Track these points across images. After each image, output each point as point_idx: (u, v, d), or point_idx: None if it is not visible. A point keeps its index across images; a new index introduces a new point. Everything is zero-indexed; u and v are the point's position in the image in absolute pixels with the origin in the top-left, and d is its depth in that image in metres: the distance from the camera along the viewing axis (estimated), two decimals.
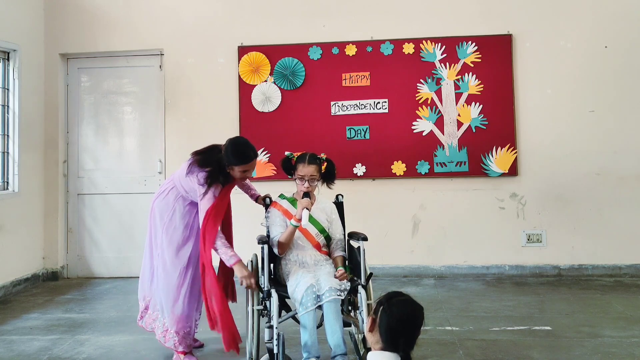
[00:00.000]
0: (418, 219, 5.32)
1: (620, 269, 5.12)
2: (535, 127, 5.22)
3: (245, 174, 3.18)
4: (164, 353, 3.42)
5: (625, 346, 3.35)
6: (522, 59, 5.25)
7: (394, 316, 1.88)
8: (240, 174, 3.15)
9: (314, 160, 3.20)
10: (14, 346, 3.63)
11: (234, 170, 3.14)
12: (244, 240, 4.52)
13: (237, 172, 3.15)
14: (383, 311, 1.90)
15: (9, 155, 5.15)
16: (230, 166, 3.13)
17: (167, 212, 3.24)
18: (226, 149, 3.12)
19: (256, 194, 3.52)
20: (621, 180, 5.16)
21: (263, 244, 3.06)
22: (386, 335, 1.88)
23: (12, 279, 5.02)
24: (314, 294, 2.86)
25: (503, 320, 3.91)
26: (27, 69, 5.31)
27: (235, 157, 3.10)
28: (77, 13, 5.60)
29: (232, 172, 3.15)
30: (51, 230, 5.54)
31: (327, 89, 5.35)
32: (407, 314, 1.90)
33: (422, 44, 5.30)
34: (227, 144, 3.14)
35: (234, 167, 3.12)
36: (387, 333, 1.88)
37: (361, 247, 3.07)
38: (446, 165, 5.25)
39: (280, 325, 2.92)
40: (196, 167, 3.14)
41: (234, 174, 3.16)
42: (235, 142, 3.16)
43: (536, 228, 5.22)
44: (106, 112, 5.66)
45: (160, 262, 3.25)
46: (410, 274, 5.30)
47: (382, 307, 1.91)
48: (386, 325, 1.88)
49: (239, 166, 3.11)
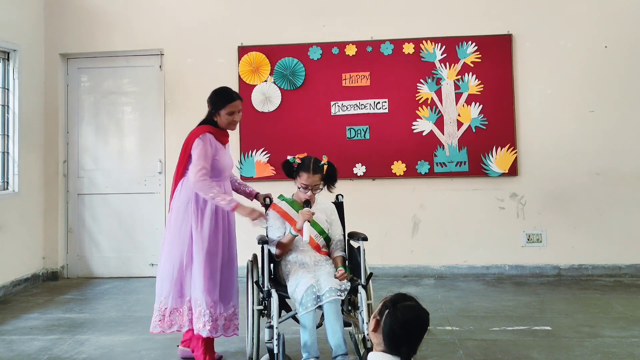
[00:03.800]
0: (418, 219, 5.32)
1: (620, 269, 5.12)
2: (535, 127, 5.22)
3: (233, 118, 3.17)
4: (164, 353, 3.42)
5: (625, 346, 3.35)
6: (522, 59, 5.25)
7: (398, 321, 1.85)
8: (227, 118, 3.16)
9: (318, 169, 3.18)
10: (14, 346, 3.63)
11: (221, 117, 3.17)
12: (244, 240, 4.52)
13: (224, 119, 3.17)
14: (388, 315, 1.87)
15: (9, 155, 5.15)
16: (217, 114, 3.17)
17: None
18: (210, 99, 3.21)
19: (254, 191, 3.49)
20: (621, 180, 5.16)
21: (263, 244, 3.06)
22: (389, 339, 1.86)
23: (12, 279, 5.02)
24: (314, 294, 2.86)
25: (503, 320, 3.91)
26: (27, 69, 5.31)
27: (219, 97, 3.18)
28: (77, 13, 5.60)
29: (219, 121, 3.18)
30: (51, 230, 5.54)
31: (327, 89, 5.35)
32: (412, 320, 1.87)
33: (422, 44, 5.30)
34: (211, 94, 3.22)
35: (220, 112, 3.16)
36: (390, 337, 1.86)
37: (361, 247, 3.07)
38: (446, 165, 5.25)
39: (280, 325, 2.92)
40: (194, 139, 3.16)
41: (222, 122, 3.18)
42: (217, 88, 3.25)
43: (536, 228, 5.22)
44: (106, 112, 5.66)
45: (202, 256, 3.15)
46: (410, 274, 5.30)
47: (388, 311, 1.88)
48: (390, 329, 1.86)
49: (224, 108, 3.15)
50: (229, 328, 3.19)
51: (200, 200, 3.14)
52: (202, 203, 3.14)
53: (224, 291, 3.18)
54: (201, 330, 3.08)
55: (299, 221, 3.10)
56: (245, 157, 5.38)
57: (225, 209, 3.09)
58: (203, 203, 3.14)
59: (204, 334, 3.08)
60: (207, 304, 3.08)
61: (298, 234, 3.11)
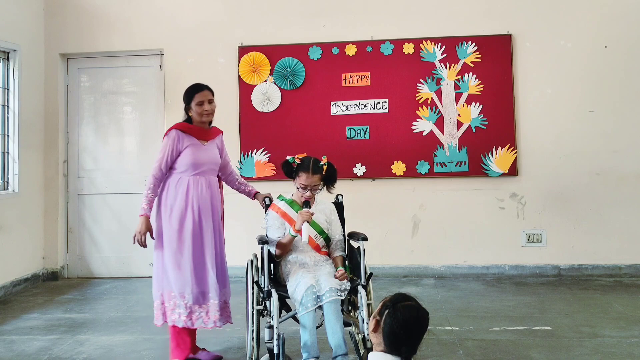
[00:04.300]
0: (418, 219, 5.32)
1: (620, 269, 5.12)
2: (535, 127, 5.22)
3: (203, 108, 3.21)
4: (164, 353, 3.42)
5: (625, 346, 3.35)
6: (522, 59, 5.25)
7: (398, 321, 1.85)
8: (197, 109, 3.21)
9: (317, 169, 3.18)
10: (14, 346, 3.63)
11: (193, 111, 3.23)
12: (244, 240, 4.52)
13: (195, 111, 3.22)
14: (388, 315, 1.87)
15: (9, 155, 5.15)
16: (190, 109, 3.24)
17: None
18: (183, 97, 3.28)
19: (253, 191, 3.50)
20: (621, 180, 5.16)
21: (263, 244, 3.06)
22: (389, 339, 1.86)
23: (12, 279, 5.02)
24: (314, 294, 2.86)
25: (503, 320, 3.91)
26: (27, 69, 5.31)
27: (187, 92, 3.26)
28: (77, 13, 5.60)
29: (193, 116, 3.25)
30: (51, 230, 5.54)
31: (327, 89, 5.35)
32: (412, 320, 1.87)
33: (422, 44, 5.30)
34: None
35: (191, 105, 3.22)
36: (390, 337, 1.86)
37: (361, 247, 3.07)
38: (446, 165, 5.25)
39: (280, 325, 2.92)
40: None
41: (195, 116, 3.24)
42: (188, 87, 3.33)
43: (536, 228, 5.22)
44: (106, 112, 5.66)
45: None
46: (410, 274, 5.30)
47: (388, 311, 1.88)
48: (390, 329, 1.86)
49: (193, 100, 3.21)
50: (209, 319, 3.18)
51: (168, 196, 3.19)
52: (171, 199, 3.19)
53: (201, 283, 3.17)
54: (177, 322, 3.13)
55: (298, 222, 3.10)
56: (245, 157, 5.38)
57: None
58: (172, 199, 3.18)
59: (180, 325, 3.13)
60: (180, 295, 3.12)
61: (297, 235, 3.11)
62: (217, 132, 3.43)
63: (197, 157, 3.22)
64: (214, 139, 3.36)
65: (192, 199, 3.18)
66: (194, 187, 3.20)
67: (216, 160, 3.34)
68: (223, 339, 3.67)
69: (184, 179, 3.20)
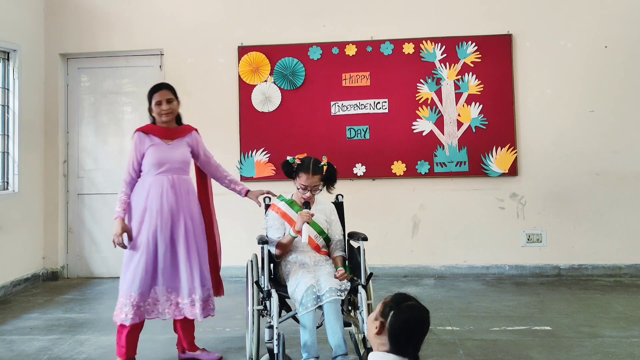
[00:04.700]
0: (418, 219, 5.32)
1: (620, 269, 5.12)
2: (535, 127, 5.22)
3: (160, 108, 3.19)
4: (164, 353, 3.42)
5: (625, 346, 3.35)
6: (522, 59, 5.25)
7: (405, 322, 1.87)
8: (156, 110, 3.21)
9: (317, 170, 3.17)
10: (14, 346, 3.63)
11: (154, 111, 3.23)
12: (244, 240, 4.52)
13: (155, 112, 3.22)
14: (394, 315, 1.89)
15: (9, 155, 5.15)
16: (150, 107, 3.24)
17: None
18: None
19: (244, 189, 3.43)
20: (621, 180, 5.16)
21: (263, 244, 3.06)
22: (396, 340, 1.87)
23: (12, 279, 5.02)
24: (314, 294, 2.86)
25: (503, 320, 3.91)
26: (27, 69, 5.31)
27: (148, 92, 3.25)
28: (77, 13, 5.60)
29: (155, 116, 3.24)
30: (51, 230, 5.54)
31: (327, 89, 5.35)
32: (418, 320, 1.89)
33: (422, 44, 5.30)
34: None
35: (151, 106, 3.23)
36: (398, 338, 1.87)
37: (361, 247, 3.07)
38: (446, 165, 5.25)
39: (280, 325, 2.92)
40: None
41: (156, 116, 3.23)
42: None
43: (536, 228, 5.22)
44: (106, 112, 5.66)
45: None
46: (410, 274, 5.30)
47: (393, 312, 1.89)
48: (397, 330, 1.87)
49: (152, 101, 3.22)
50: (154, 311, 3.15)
51: (133, 198, 3.19)
52: (134, 201, 3.18)
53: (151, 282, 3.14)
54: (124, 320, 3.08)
55: (298, 223, 3.10)
56: (245, 157, 5.38)
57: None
58: (136, 201, 3.18)
59: (127, 323, 3.08)
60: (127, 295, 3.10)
61: (297, 236, 3.11)
62: (188, 130, 3.35)
63: (158, 156, 3.18)
64: (182, 138, 3.28)
65: (152, 199, 3.14)
66: (156, 187, 3.15)
67: (183, 159, 3.25)
68: (223, 339, 3.67)
69: (147, 179, 3.18)
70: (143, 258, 3.11)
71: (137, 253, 3.13)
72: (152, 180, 3.17)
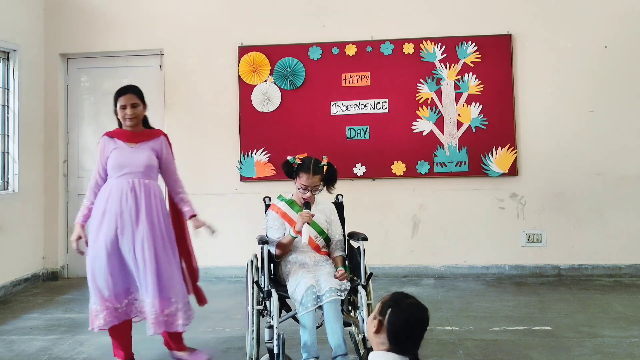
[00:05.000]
0: (418, 219, 5.32)
1: (620, 269, 5.12)
2: (535, 127, 5.22)
3: (124, 112, 3.17)
4: (164, 353, 3.42)
5: (625, 346, 3.35)
6: (522, 59, 5.25)
7: (403, 319, 1.86)
8: (120, 112, 3.19)
9: (318, 170, 3.18)
10: (14, 346, 3.63)
11: (118, 115, 3.21)
12: (244, 241, 4.52)
13: (119, 116, 3.20)
14: (393, 314, 1.88)
15: (9, 155, 5.15)
16: (115, 110, 3.22)
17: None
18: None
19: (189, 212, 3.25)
20: (621, 180, 5.16)
21: (263, 244, 3.06)
22: (395, 338, 1.87)
23: (12, 279, 5.02)
24: (314, 294, 2.86)
25: (503, 320, 3.91)
26: (27, 69, 5.31)
27: (115, 94, 3.21)
28: (76, 13, 5.60)
29: (118, 115, 3.22)
30: (51, 230, 5.53)
31: (327, 89, 5.35)
32: (417, 317, 1.89)
33: (422, 44, 5.30)
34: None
35: (116, 110, 3.20)
36: (397, 336, 1.86)
37: (361, 247, 3.07)
38: (446, 165, 5.25)
39: (280, 325, 2.92)
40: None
41: (119, 117, 3.21)
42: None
43: (536, 228, 5.22)
44: (106, 112, 5.61)
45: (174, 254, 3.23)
46: (410, 274, 5.30)
47: (391, 310, 1.89)
48: (396, 328, 1.86)
49: (117, 104, 3.19)
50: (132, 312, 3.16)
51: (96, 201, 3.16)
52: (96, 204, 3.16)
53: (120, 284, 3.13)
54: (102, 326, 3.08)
55: (298, 223, 3.10)
56: (245, 157, 5.38)
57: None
58: (97, 204, 3.15)
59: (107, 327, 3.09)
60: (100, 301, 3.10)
61: (298, 236, 3.11)
62: (155, 134, 3.29)
63: (119, 159, 3.14)
64: (146, 141, 3.22)
65: (112, 202, 3.09)
66: (115, 190, 3.11)
67: (147, 163, 3.16)
68: (223, 339, 3.68)
69: (109, 183, 3.15)
70: (104, 262, 3.08)
71: (97, 258, 3.10)
72: (114, 184, 3.14)
